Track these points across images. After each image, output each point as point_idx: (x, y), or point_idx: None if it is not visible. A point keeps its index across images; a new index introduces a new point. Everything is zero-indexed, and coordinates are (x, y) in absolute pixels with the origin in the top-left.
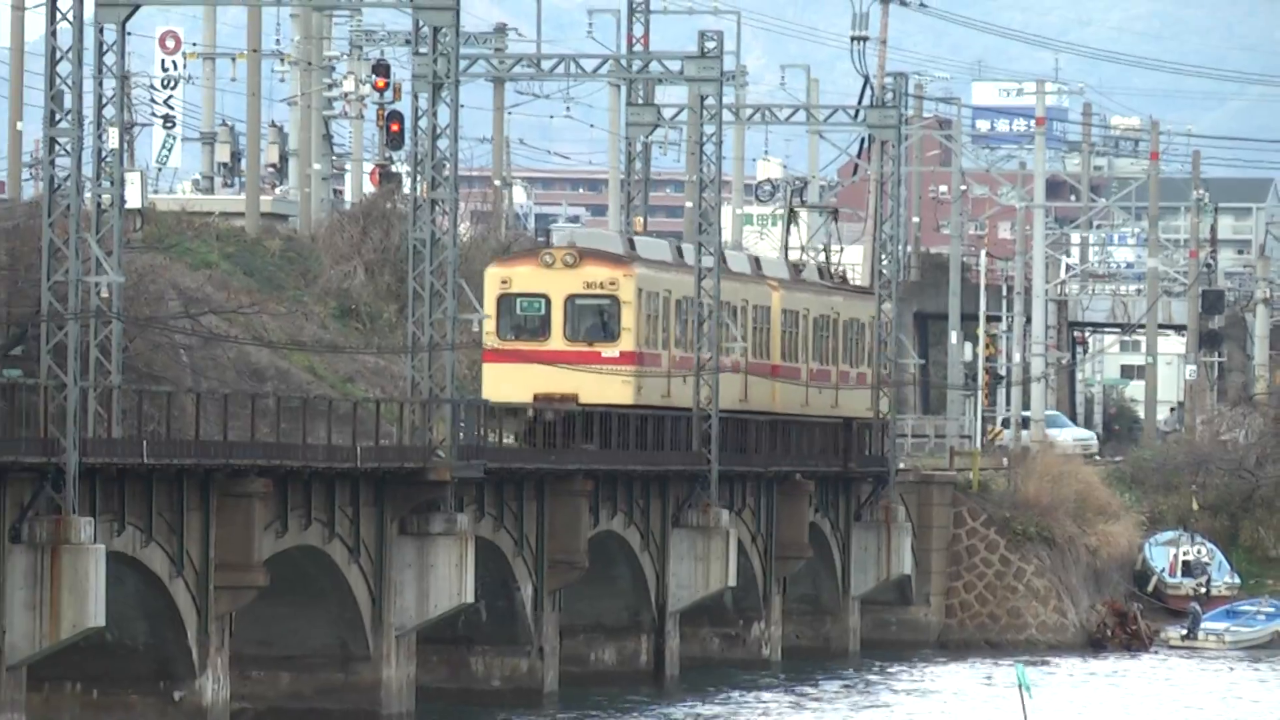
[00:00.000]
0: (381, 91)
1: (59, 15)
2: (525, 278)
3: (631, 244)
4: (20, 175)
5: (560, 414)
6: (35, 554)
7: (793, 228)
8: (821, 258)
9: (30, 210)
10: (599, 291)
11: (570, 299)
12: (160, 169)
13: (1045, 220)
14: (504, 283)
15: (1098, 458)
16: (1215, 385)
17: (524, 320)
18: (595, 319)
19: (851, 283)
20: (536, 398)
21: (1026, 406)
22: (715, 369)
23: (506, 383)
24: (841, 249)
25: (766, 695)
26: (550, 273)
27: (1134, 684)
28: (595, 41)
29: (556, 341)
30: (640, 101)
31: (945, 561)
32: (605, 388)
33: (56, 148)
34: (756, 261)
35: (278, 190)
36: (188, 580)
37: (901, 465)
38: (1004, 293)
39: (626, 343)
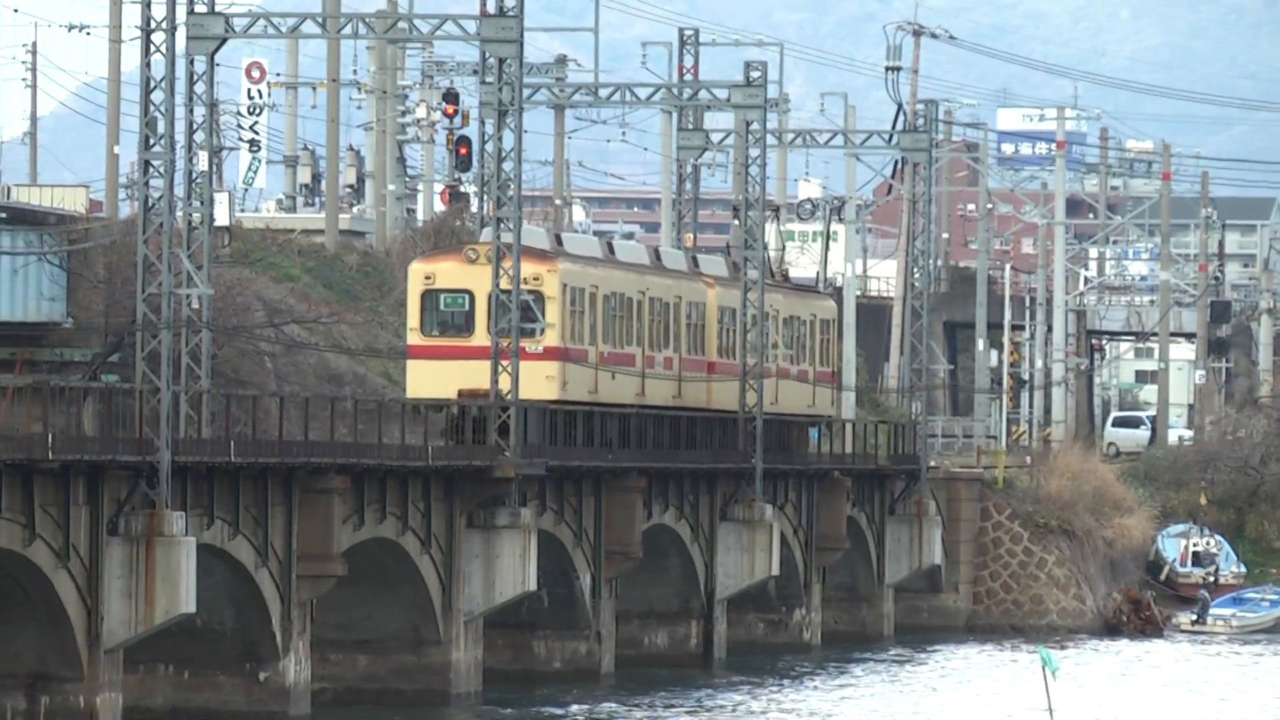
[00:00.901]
0: (451, 118)
1: (153, 47)
2: (449, 274)
3: (559, 240)
4: (117, 195)
5: (484, 410)
6: (131, 545)
7: (832, 243)
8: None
9: (126, 228)
10: (523, 286)
11: (494, 295)
12: (246, 189)
13: (1065, 236)
14: (427, 279)
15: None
16: (1223, 389)
17: (448, 316)
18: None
19: (794, 281)
20: (460, 393)
21: (1048, 409)
22: (760, 375)
23: (430, 379)
24: (792, 248)
25: (809, 677)
26: (474, 268)
27: (1148, 665)
28: (648, 71)
29: (480, 337)
30: (690, 126)
31: (973, 552)
32: (530, 382)
33: (150, 170)
34: (694, 259)
35: (355, 209)
36: (272, 570)
37: (932, 463)
38: (1027, 303)
39: (551, 338)
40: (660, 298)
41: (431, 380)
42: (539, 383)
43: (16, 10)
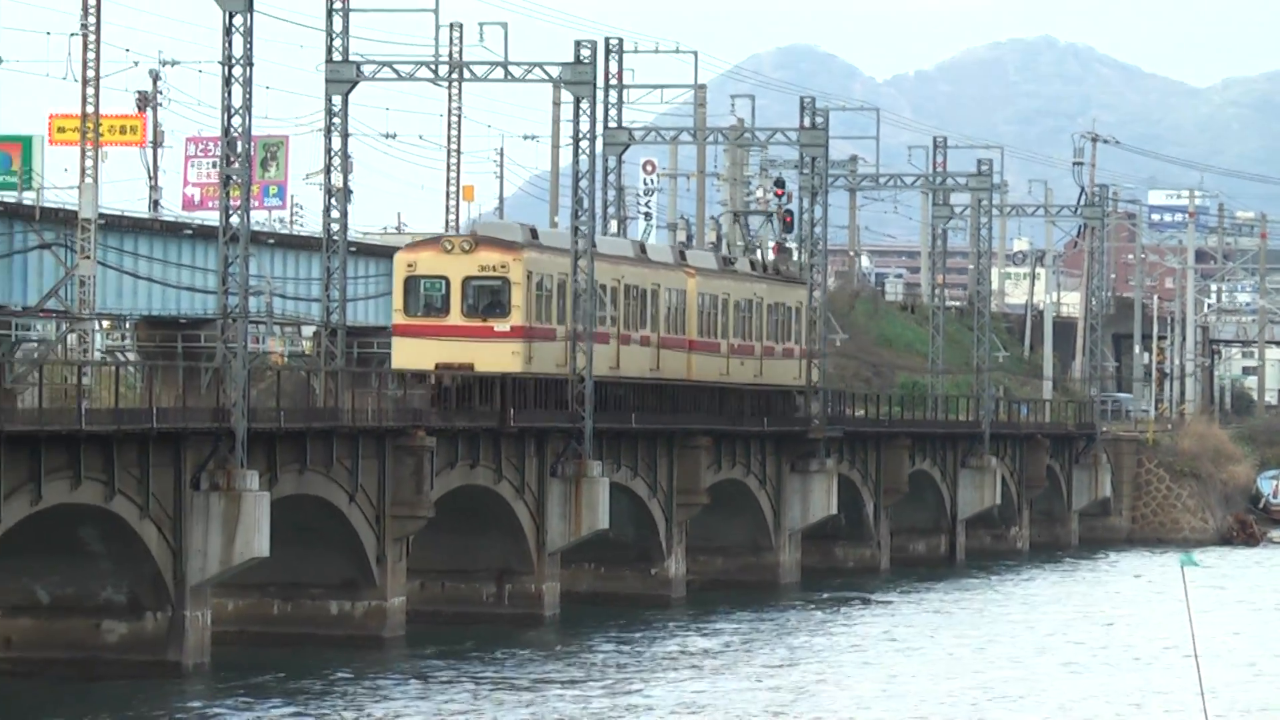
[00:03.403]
0: (779, 197)
1: (581, 150)
2: (428, 261)
3: (533, 233)
4: None
5: (457, 380)
6: (565, 484)
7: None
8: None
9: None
10: (492, 273)
11: (467, 280)
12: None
13: (1193, 276)
14: (410, 266)
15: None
16: None
17: (427, 299)
18: (489, 297)
19: (786, 274)
20: (438, 366)
21: (1183, 392)
22: (987, 371)
23: (412, 353)
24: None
25: (1022, 572)
26: (449, 257)
27: (1251, 565)
28: (911, 165)
29: (455, 317)
30: (941, 202)
31: (1131, 488)
32: (497, 357)
33: (579, 232)
34: (681, 254)
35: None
36: (659, 500)
37: (1104, 429)
38: (1168, 321)
39: (516, 318)
40: (637, 284)
41: (413, 354)
42: (504, 357)
43: (490, 125)
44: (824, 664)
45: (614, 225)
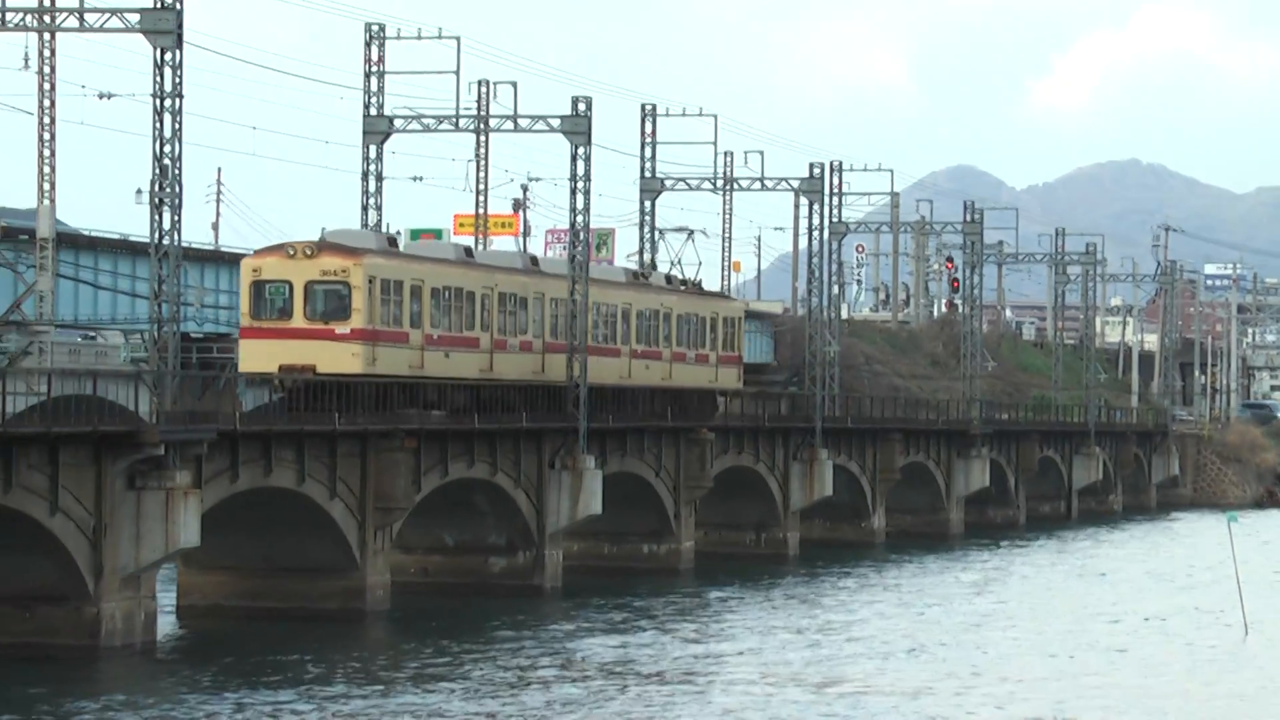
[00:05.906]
0: (950, 269)
1: (813, 237)
2: (272, 267)
3: (391, 241)
4: (796, 307)
5: (300, 382)
6: (803, 465)
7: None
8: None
9: (797, 321)
10: (333, 278)
11: (309, 284)
12: (856, 302)
13: (1236, 323)
14: (255, 271)
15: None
16: None
17: (271, 303)
18: (330, 302)
19: (704, 288)
20: (281, 368)
21: (1228, 402)
22: (1092, 388)
23: (257, 355)
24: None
25: (1117, 528)
26: (293, 262)
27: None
28: (1039, 247)
29: (298, 320)
30: (1060, 273)
31: (1193, 468)
32: (337, 358)
33: (812, 294)
34: (580, 267)
35: (905, 311)
36: (867, 475)
37: (1174, 427)
38: (1219, 354)
39: (357, 321)
40: (514, 293)
41: (258, 357)
42: (344, 358)
43: (751, 220)
44: (981, 573)
45: (832, 289)
